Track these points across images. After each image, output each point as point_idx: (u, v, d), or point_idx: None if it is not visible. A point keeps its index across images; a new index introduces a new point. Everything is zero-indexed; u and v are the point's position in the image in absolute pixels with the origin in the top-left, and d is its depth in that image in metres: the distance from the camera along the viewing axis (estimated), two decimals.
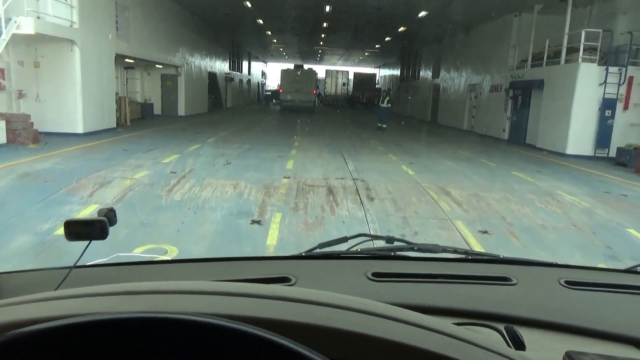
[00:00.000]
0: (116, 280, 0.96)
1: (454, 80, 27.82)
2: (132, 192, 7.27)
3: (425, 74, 34.73)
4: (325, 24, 27.05)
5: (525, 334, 0.99)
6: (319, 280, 1.33)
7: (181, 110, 23.98)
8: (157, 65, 22.12)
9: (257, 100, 54.39)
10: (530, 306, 1.24)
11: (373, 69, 59.07)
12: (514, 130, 19.55)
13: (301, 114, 30.81)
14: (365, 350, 0.70)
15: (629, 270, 1.63)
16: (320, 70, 56.78)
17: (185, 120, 21.46)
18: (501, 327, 1.02)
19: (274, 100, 50.80)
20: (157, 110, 23.54)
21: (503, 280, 1.40)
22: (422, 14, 21.29)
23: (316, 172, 9.68)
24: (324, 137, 16.89)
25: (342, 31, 29.93)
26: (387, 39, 31.32)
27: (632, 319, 1.23)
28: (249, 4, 21.63)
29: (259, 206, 6.86)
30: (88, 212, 6.21)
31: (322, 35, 32.71)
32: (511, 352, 0.79)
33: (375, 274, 1.34)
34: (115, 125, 15.88)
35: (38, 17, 11.91)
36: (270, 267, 1.42)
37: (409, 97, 39.45)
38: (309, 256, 1.56)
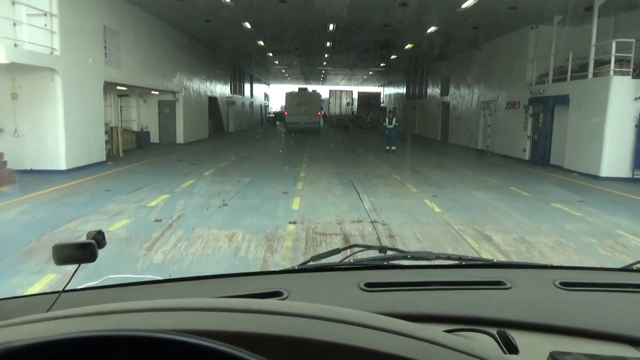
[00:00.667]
0: (106, 302, 0.88)
1: (465, 97, 26.55)
2: (102, 252, 5.87)
3: (433, 91, 33.54)
4: (328, 44, 25.99)
5: (518, 337, 0.98)
6: (311, 293, 1.30)
7: (180, 138, 22.77)
8: (152, 92, 21.00)
9: (261, 122, 53.43)
10: (525, 309, 1.23)
11: (377, 87, 58.11)
12: (537, 150, 18.12)
13: (306, 137, 29.64)
14: None
15: (626, 269, 1.60)
16: (324, 90, 56.01)
17: (183, 149, 20.22)
18: (494, 331, 1.00)
19: (277, 122, 50.01)
20: (155, 138, 22.37)
21: (497, 284, 1.39)
22: (431, 29, 20.13)
23: (327, 213, 8.28)
24: (331, 164, 15.54)
25: (346, 51, 28.88)
26: (392, 57, 30.22)
27: (629, 317, 1.21)
28: (248, 25, 20.59)
29: (260, 268, 5.45)
30: (42, 285, 4.85)
31: (326, 56, 31.69)
32: (497, 356, 0.80)
33: (367, 284, 1.34)
34: (104, 159, 14.60)
35: (15, 45, 10.77)
36: (263, 282, 1.39)
37: (417, 116, 38.24)
38: (301, 269, 1.54)
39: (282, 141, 28.28)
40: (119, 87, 17.38)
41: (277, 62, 36.71)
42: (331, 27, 20.77)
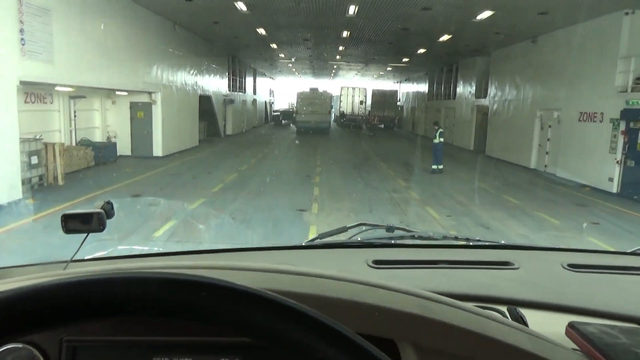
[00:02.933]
0: None
1: (512, 102, 21.62)
2: None
3: (465, 91, 28.59)
4: (345, 33, 21.11)
5: (528, 315, 0.97)
6: (319, 268, 1.14)
7: (157, 149, 18.09)
8: (118, 92, 16.32)
9: (265, 121, 48.72)
10: (533, 289, 1.22)
11: (392, 84, 53.07)
12: (632, 182, 13.21)
13: (316, 145, 24.95)
14: (382, 321, 0.71)
15: (635, 253, 1.59)
16: (333, 86, 51.28)
17: (157, 167, 15.52)
18: (504, 309, 1.00)
19: (283, 121, 45.72)
20: (127, 149, 17.73)
21: (505, 264, 1.37)
22: (485, 15, 15.25)
23: None
24: (353, 206, 10.79)
25: (365, 42, 24.00)
26: (420, 50, 25.29)
27: (637, 299, 1.20)
28: (243, 7, 15.82)
29: None
30: None
31: (340, 48, 26.80)
32: (515, 324, 0.81)
33: (375, 262, 1.33)
34: (20, 196, 9.90)
35: None
36: (270, 258, 1.37)
37: (442, 119, 33.26)
38: (310, 246, 1.55)
39: (287, 151, 23.50)
40: (58, 88, 12.68)
41: (282, 56, 31.87)
42: (352, 10, 15.93)
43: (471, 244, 1.63)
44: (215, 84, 27.07)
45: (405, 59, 30.40)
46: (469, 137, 27.11)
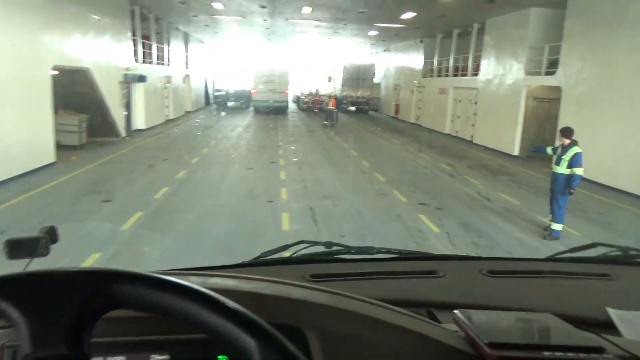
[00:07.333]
0: None
1: (613, 81, 12.03)
2: None
3: (500, 65, 18.82)
4: None
5: (445, 315, 1.08)
6: None
7: None
8: None
9: (206, 103, 37.58)
10: (454, 293, 1.34)
11: (367, 56, 42.73)
12: None
13: (276, 145, 14.55)
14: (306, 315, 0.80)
15: (549, 259, 1.73)
16: (292, 56, 40.80)
17: None
18: (423, 311, 1.13)
19: (228, 103, 35.40)
20: None
21: (431, 273, 1.49)
22: None
23: None
24: None
25: None
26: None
27: (550, 298, 1.33)
28: None
29: None
30: None
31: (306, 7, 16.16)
32: (416, 316, 0.95)
33: (313, 275, 1.39)
34: None
35: None
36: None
37: (448, 106, 23.65)
38: (251, 264, 1.59)
39: (221, 168, 12.90)
40: None
41: (220, 8, 20.80)
42: None
43: (402, 256, 1.71)
44: (104, 51, 15.96)
45: (408, 15, 20.05)
46: (511, 137, 17.54)
